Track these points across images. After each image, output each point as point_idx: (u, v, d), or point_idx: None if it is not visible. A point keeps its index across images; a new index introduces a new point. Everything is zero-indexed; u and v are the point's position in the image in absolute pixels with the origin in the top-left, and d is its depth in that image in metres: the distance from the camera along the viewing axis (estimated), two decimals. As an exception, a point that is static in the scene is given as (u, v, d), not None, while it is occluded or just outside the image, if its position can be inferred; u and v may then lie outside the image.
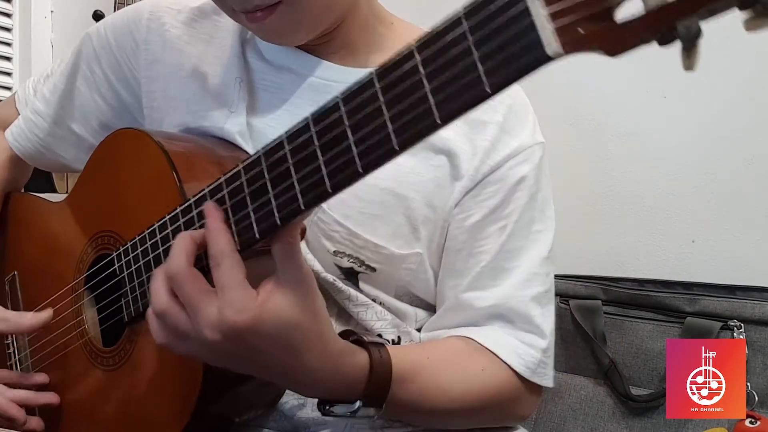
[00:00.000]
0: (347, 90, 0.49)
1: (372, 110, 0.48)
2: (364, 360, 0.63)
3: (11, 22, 1.84)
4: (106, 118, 0.87)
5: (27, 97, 0.95)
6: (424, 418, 0.73)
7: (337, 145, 0.50)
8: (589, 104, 1.41)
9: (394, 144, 0.47)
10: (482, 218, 0.75)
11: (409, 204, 0.73)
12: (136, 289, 0.68)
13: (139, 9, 0.84)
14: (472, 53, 0.42)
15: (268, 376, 0.61)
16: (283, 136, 0.54)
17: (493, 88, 0.41)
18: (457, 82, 0.43)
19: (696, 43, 0.36)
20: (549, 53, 0.39)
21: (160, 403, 0.69)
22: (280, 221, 0.54)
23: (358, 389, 0.62)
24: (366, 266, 0.73)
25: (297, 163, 0.53)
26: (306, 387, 0.63)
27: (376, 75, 0.47)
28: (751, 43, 1.26)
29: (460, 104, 0.43)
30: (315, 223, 0.72)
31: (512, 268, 0.76)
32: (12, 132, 0.93)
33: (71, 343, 0.79)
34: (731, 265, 1.28)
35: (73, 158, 0.91)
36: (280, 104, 0.76)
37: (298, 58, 0.77)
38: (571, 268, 1.32)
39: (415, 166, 0.74)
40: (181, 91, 0.79)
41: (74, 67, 0.88)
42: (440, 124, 0.44)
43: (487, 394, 0.73)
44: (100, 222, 0.77)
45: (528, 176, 0.77)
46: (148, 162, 0.70)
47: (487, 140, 0.75)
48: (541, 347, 0.77)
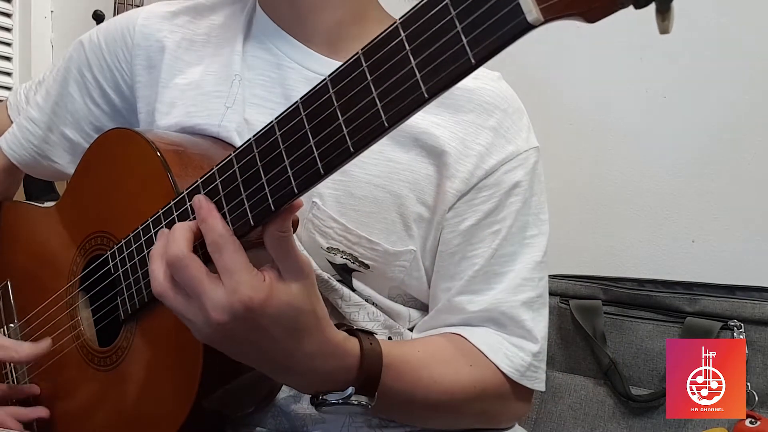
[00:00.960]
0: (335, 71, 0.50)
1: (360, 89, 0.48)
2: (356, 347, 0.63)
3: (11, 22, 1.84)
4: (100, 122, 0.88)
5: (19, 104, 0.95)
6: (417, 412, 0.72)
7: (327, 126, 0.50)
8: (589, 104, 1.41)
9: (384, 120, 0.47)
10: (476, 222, 0.76)
11: (402, 201, 0.74)
12: (132, 286, 0.67)
13: (133, 15, 0.85)
14: (455, 25, 0.42)
15: (266, 362, 0.61)
16: (273, 122, 0.54)
17: (477, 59, 0.42)
18: (442, 56, 0.43)
19: (669, 5, 0.37)
20: (530, 20, 0.40)
21: (157, 401, 0.69)
22: (273, 206, 0.54)
23: (350, 377, 0.63)
24: (359, 263, 0.73)
25: (288, 147, 0.53)
26: (301, 376, 0.62)
27: (362, 54, 0.48)
28: (751, 43, 1.26)
29: (447, 77, 0.44)
30: (309, 219, 0.72)
31: (505, 273, 0.76)
32: (6, 140, 0.93)
33: (67, 345, 0.79)
34: (731, 265, 1.28)
35: (68, 164, 0.91)
36: (278, 99, 0.76)
37: (297, 53, 0.77)
38: (571, 268, 1.32)
39: (408, 163, 0.74)
40: (178, 92, 0.79)
41: (66, 73, 0.88)
42: (427, 98, 0.45)
43: (476, 389, 0.73)
44: (92, 223, 0.76)
45: (522, 181, 0.77)
46: (140, 159, 0.70)
47: (481, 144, 0.75)
48: (531, 351, 0.76)
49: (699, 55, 1.29)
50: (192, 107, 0.77)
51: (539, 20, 0.39)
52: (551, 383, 1.26)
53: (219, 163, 0.58)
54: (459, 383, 0.72)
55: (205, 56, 0.80)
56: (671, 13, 0.37)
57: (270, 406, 0.75)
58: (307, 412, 0.75)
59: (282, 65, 0.77)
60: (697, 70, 1.30)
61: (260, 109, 0.76)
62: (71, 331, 0.78)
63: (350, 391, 0.62)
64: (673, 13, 0.37)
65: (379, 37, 0.47)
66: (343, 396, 0.62)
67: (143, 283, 0.66)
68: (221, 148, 0.74)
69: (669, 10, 0.37)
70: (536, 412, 1.26)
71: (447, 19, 0.43)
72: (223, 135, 0.75)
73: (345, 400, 0.62)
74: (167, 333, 0.68)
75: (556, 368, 1.27)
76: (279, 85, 0.77)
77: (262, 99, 0.76)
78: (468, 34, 0.42)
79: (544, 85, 1.40)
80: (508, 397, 0.76)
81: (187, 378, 0.65)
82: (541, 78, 1.38)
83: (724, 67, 1.28)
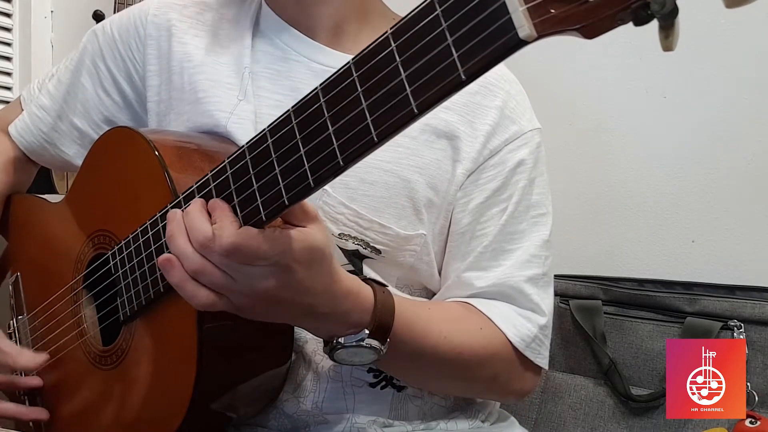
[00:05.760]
0: (327, 80, 0.49)
1: (350, 100, 0.47)
2: (370, 292, 0.65)
3: (11, 22, 1.84)
4: (109, 113, 0.89)
5: (32, 97, 0.96)
6: (427, 369, 0.73)
7: (317, 137, 0.49)
8: (589, 104, 1.41)
9: (373, 135, 0.46)
10: (484, 200, 0.77)
11: (412, 186, 0.75)
12: (131, 288, 0.68)
13: (145, 6, 0.86)
14: (446, 38, 0.41)
15: (290, 312, 0.62)
16: (266, 130, 0.54)
17: (467, 75, 0.40)
18: (432, 70, 0.42)
19: (673, 22, 0.36)
20: (521, 36, 0.38)
21: (156, 401, 0.69)
22: (265, 217, 0.54)
23: (364, 320, 0.64)
24: (371, 248, 0.74)
25: (280, 156, 0.52)
26: (320, 318, 0.63)
27: (353, 64, 0.47)
28: (751, 43, 1.26)
29: (436, 92, 0.42)
30: (319, 207, 0.72)
31: (513, 250, 0.78)
32: (16, 126, 0.94)
33: (71, 342, 0.79)
34: (731, 265, 1.28)
35: (75, 154, 0.92)
36: (285, 92, 0.78)
37: (302, 46, 0.79)
38: (571, 268, 1.32)
39: (418, 149, 0.76)
40: (188, 82, 0.81)
41: (79, 63, 0.90)
42: (417, 114, 0.43)
43: (486, 352, 0.74)
44: (96, 221, 0.77)
45: (527, 160, 0.79)
46: (140, 160, 0.71)
47: (488, 124, 0.77)
48: (539, 323, 0.78)
49: (699, 56, 1.28)
50: (201, 93, 0.79)
51: (532, 36, 0.38)
52: (551, 383, 1.26)
53: (214, 168, 0.58)
54: (468, 343, 0.73)
55: (215, 47, 0.82)
56: (675, 30, 0.36)
57: (272, 407, 0.76)
58: (309, 414, 0.75)
59: (288, 59, 0.79)
60: (697, 71, 1.29)
61: (268, 101, 0.78)
62: (75, 328, 0.79)
63: (365, 333, 0.64)
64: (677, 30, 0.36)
65: (370, 47, 0.46)
66: (358, 338, 0.64)
67: (141, 286, 0.66)
68: (220, 146, 0.75)
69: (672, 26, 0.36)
70: (536, 412, 1.26)
71: (438, 31, 0.41)
72: (233, 125, 0.76)
73: (358, 342, 0.64)
74: (165, 335, 0.68)
75: (556, 368, 1.27)
76: (286, 78, 0.79)
77: (269, 92, 0.78)
78: (459, 47, 0.40)
79: (543, 84, 1.40)
80: (515, 366, 0.77)
81: (183, 381, 0.65)
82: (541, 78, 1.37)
83: (724, 67, 1.28)
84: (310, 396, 0.75)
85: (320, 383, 0.75)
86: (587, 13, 0.36)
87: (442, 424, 0.81)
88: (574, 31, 0.37)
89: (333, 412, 0.76)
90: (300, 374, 0.75)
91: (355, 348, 0.64)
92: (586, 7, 0.36)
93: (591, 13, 0.36)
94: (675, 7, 0.35)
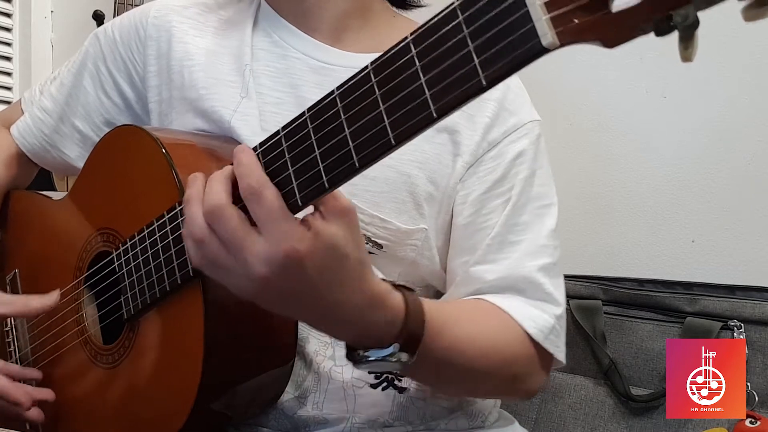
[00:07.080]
0: (344, 84, 0.49)
1: (368, 104, 0.47)
2: (400, 302, 0.60)
3: (11, 22, 1.84)
4: (110, 115, 0.89)
5: (33, 98, 0.96)
6: (450, 373, 0.70)
7: (333, 140, 0.50)
8: (589, 104, 1.41)
9: (391, 138, 0.47)
10: (485, 191, 0.77)
11: (412, 180, 0.75)
12: (135, 286, 0.68)
13: (146, 8, 0.87)
14: (467, 45, 0.41)
15: (309, 314, 0.59)
16: (280, 132, 0.54)
17: (488, 81, 0.41)
18: (452, 75, 0.42)
19: (693, 33, 0.36)
20: (544, 44, 0.38)
21: (159, 400, 0.69)
22: None
23: (393, 331, 0.60)
24: (372, 243, 0.74)
25: (293, 157, 0.52)
26: (344, 326, 0.60)
27: (372, 69, 0.47)
28: (752, 43, 1.26)
29: (456, 97, 0.42)
30: None
31: (519, 241, 0.77)
32: (18, 128, 0.94)
33: (71, 340, 0.79)
34: (731, 265, 1.28)
35: (77, 156, 0.92)
36: (284, 89, 0.78)
37: (301, 43, 0.80)
38: (571, 268, 1.32)
39: (418, 144, 0.76)
40: (188, 80, 0.81)
41: (81, 66, 0.90)
42: (436, 118, 0.44)
43: (509, 350, 0.72)
44: (99, 219, 0.77)
45: (526, 150, 0.78)
46: (147, 158, 0.71)
47: (486, 116, 0.77)
48: (555, 313, 0.76)
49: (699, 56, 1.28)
50: (203, 90, 0.79)
51: (555, 44, 0.38)
52: (551, 383, 1.26)
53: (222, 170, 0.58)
54: (492, 343, 0.71)
55: (215, 46, 0.82)
56: (694, 41, 0.36)
57: (272, 407, 0.76)
58: (310, 414, 0.75)
59: (287, 56, 0.80)
60: (697, 71, 1.29)
61: (269, 98, 0.78)
62: (76, 325, 0.78)
63: (394, 348, 0.59)
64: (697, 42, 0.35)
65: (390, 52, 0.46)
66: (386, 353, 0.59)
67: (147, 283, 0.66)
68: (227, 145, 0.75)
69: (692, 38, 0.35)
70: (536, 412, 1.26)
71: (460, 38, 0.41)
72: (237, 122, 0.76)
73: (387, 358, 0.60)
74: (170, 333, 0.68)
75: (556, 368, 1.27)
76: (285, 75, 0.79)
77: (270, 89, 0.79)
78: (480, 54, 0.41)
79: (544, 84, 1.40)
80: (533, 361, 0.75)
81: (186, 381, 0.65)
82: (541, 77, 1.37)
83: (724, 67, 1.28)
84: (311, 396, 0.75)
85: (321, 384, 0.75)
86: (610, 23, 0.37)
87: (442, 425, 0.81)
88: (596, 41, 0.37)
89: (333, 413, 0.75)
90: (300, 374, 0.75)
91: (381, 362, 0.60)
92: (609, 18, 0.36)
93: (613, 23, 0.36)
94: (696, 19, 0.35)
